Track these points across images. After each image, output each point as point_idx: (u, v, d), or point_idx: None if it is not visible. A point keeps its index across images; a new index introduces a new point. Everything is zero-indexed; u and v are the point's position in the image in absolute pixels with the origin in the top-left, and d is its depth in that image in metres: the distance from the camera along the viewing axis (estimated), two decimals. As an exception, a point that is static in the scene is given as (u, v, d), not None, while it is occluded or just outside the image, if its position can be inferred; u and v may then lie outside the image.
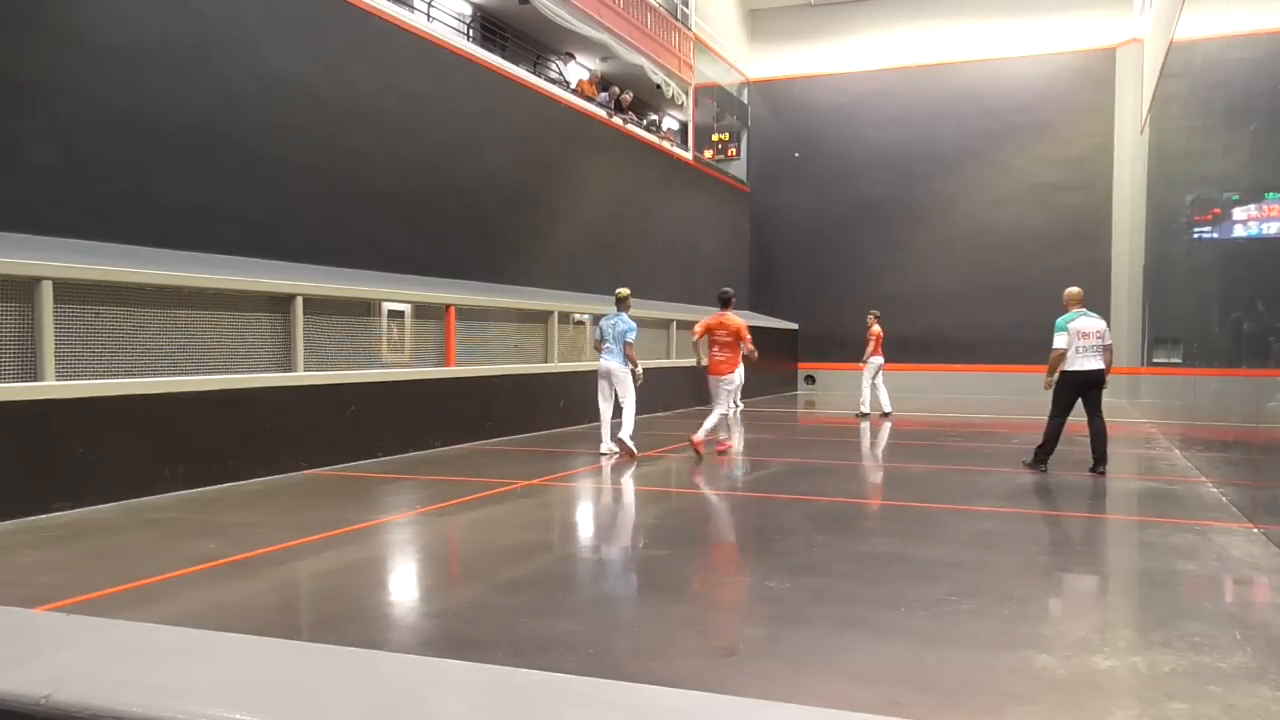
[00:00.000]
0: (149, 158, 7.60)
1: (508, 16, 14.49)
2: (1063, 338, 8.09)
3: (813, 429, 13.63)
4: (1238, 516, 6.35)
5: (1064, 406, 8.26)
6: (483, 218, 12.06)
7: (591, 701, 0.98)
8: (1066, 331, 8.08)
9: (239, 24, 8.46)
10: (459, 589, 4.87)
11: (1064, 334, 8.09)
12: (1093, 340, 8.04)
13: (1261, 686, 3.17)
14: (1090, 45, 19.93)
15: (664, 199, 17.77)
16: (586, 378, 12.87)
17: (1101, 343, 8.06)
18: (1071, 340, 8.05)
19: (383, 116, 10.24)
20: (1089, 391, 8.15)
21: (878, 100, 21.56)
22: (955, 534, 5.83)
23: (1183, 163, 11.83)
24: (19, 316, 6.06)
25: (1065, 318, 8.17)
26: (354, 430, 8.67)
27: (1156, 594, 4.62)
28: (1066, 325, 8.10)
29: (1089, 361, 8.04)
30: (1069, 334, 8.07)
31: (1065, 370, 8.13)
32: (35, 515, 5.97)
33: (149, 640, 1.20)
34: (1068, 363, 8.09)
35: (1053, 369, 8.22)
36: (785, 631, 3.83)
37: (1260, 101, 6.90)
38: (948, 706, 3.07)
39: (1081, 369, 8.06)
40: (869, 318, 15.11)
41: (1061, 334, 8.10)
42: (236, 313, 7.62)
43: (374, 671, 1.11)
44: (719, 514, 7.01)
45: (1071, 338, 8.05)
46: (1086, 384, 8.11)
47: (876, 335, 14.85)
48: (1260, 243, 7.26)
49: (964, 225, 20.97)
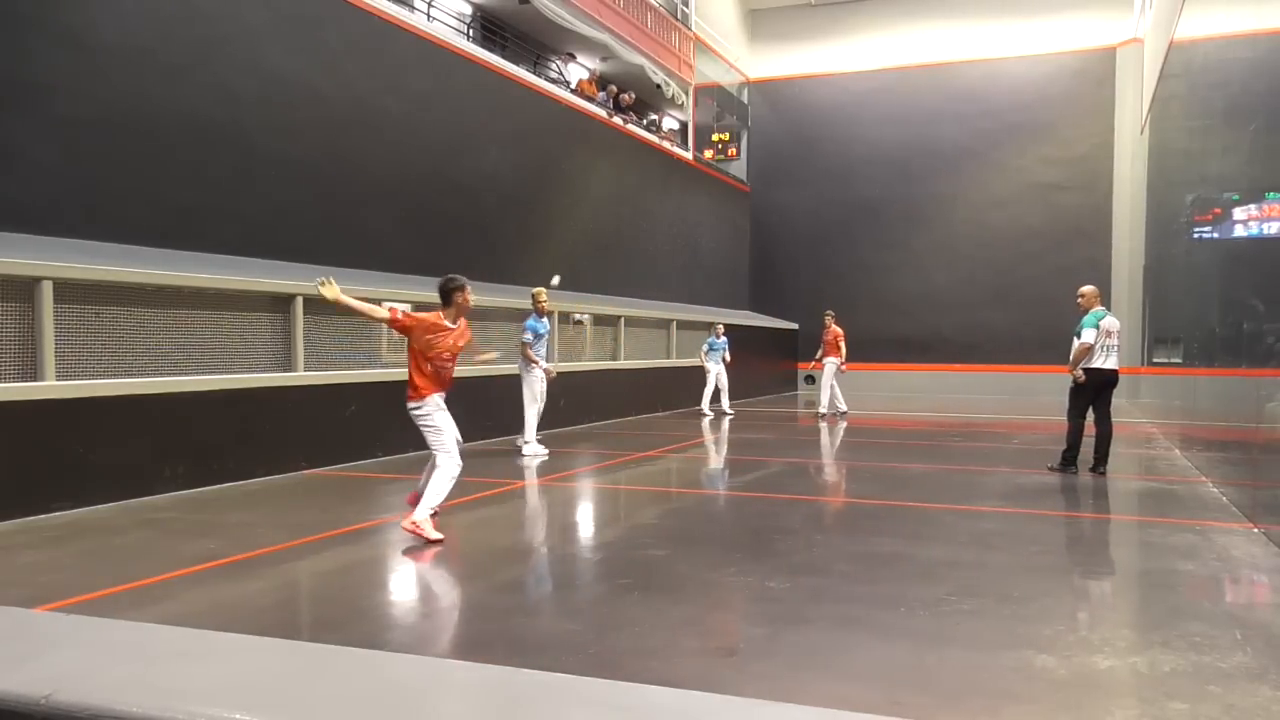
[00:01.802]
0: (149, 158, 7.60)
1: (508, 16, 14.49)
2: (1091, 333, 7.90)
3: (812, 429, 13.61)
4: (1238, 516, 6.35)
5: (1087, 404, 8.13)
6: (483, 218, 12.06)
7: (592, 701, 0.98)
8: (1097, 328, 7.91)
9: (239, 24, 8.46)
10: (459, 589, 4.87)
11: (1093, 330, 7.91)
12: (1115, 339, 7.95)
13: (1261, 686, 3.17)
14: (1090, 45, 19.92)
15: (664, 199, 17.77)
16: (586, 378, 12.88)
17: (1118, 342, 8.00)
18: (1099, 337, 7.91)
19: (383, 116, 10.24)
20: (1104, 392, 8.06)
21: (878, 100, 21.55)
22: (955, 534, 5.82)
23: (1183, 163, 11.83)
24: (19, 316, 6.06)
25: (1096, 314, 7.99)
26: (354, 430, 8.66)
27: (1156, 594, 4.62)
28: (1098, 322, 7.93)
29: (1111, 360, 7.95)
30: (1098, 330, 7.90)
31: (1090, 368, 7.99)
32: (35, 515, 5.97)
33: (149, 640, 1.20)
34: (1092, 360, 7.95)
35: (1078, 362, 8.02)
36: (785, 631, 3.83)
37: (1260, 101, 6.89)
38: (948, 706, 3.07)
39: (1106, 367, 7.95)
40: (825, 318, 15.04)
41: (1091, 329, 7.91)
42: (236, 313, 7.61)
43: (374, 671, 1.10)
44: (719, 514, 7.00)
45: (1099, 335, 7.89)
46: (1107, 384, 8.00)
47: (835, 335, 14.78)
48: (1260, 243, 7.26)
49: (964, 225, 20.97)
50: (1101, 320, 7.97)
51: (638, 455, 9.79)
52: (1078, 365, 8.04)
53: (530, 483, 7.95)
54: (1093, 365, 7.98)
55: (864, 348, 21.64)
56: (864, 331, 21.61)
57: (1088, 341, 7.91)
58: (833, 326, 14.82)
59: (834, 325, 14.82)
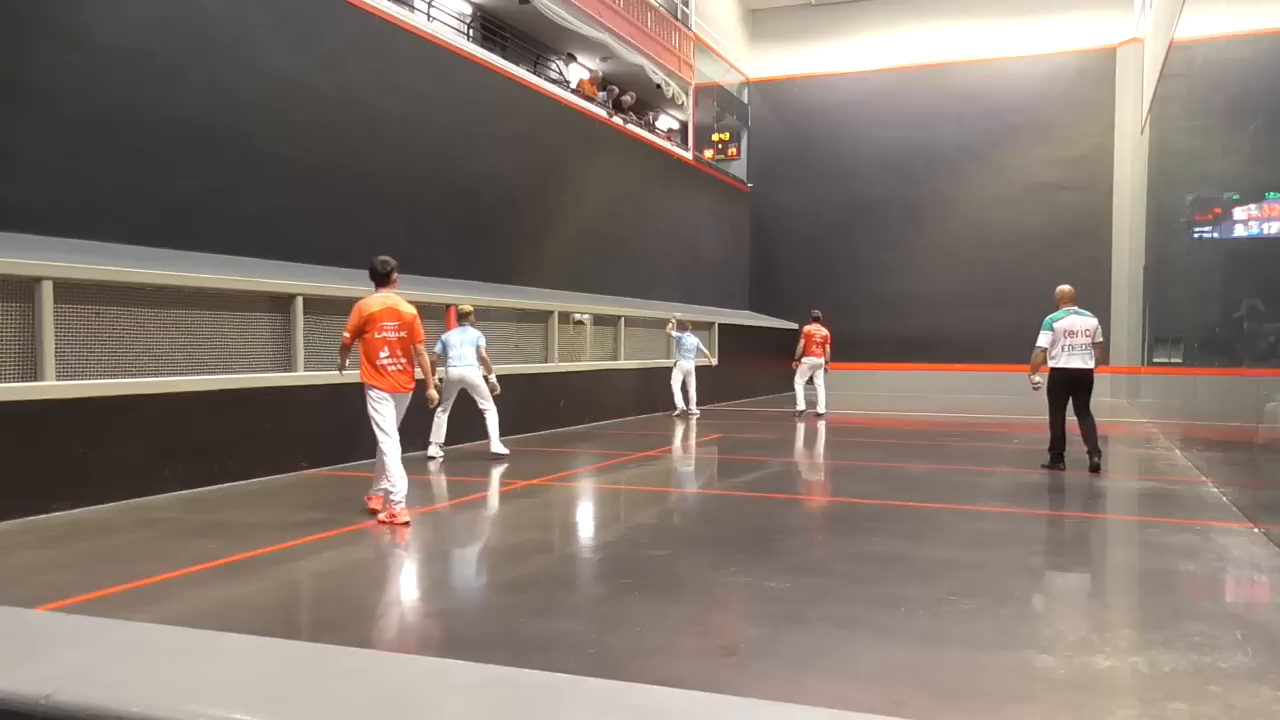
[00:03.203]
0: (149, 158, 7.60)
1: (508, 16, 14.49)
2: (1046, 336, 8.11)
3: (812, 429, 13.61)
4: (1238, 516, 6.35)
5: (1058, 403, 8.27)
6: (483, 218, 12.06)
7: (592, 701, 0.98)
8: (1051, 330, 8.09)
9: (239, 23, 8.46)
10: (459, 589, 4.87)
11: (1048, 333, 8.10)
12: (1080, 339, 8.04)
13: (1261, 686, 3.17)
14: (1090, 45, 19.92)
15: (664, 199, 17.77)
16: (586, 378, 12.88)
17: (1091, 340, 8.05)
18: (1057, 339, 8.06)
19: (383, 116, 10.24)
20: (1076, 392, 8.16)
21: (877, 100, 21.55)
22: (955, 534, 5.82)
23: (1183, 162, 11.83)
24: (19, 316, 6.06)
25: (1052, 316, 8.17)
26: (354, 430, 8.65)
27: (1156, 594, 4.62)
28: (1052, 324, 8.11)
29: (1076, 360, 8.04)
30: (1054, 333, 8.08)
31: (1053, 368, 8.14)
32: (35, 515, 5.96)
33: (149, 640, 1.20)
34: (1054, 360, 8.10)
35: (1034, 368, 8.24)
36: (785, 631, 3.83)
37: (1260, 101, 6.90)
38: (948, 706, 3.07)
39: (1068, 366, 8.07)
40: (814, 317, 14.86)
41: (1046, 333, 8.11)
42: (236, 313, 7.61)
43: (374, 671, 1.10)
44: (719, 513, 7.00)
45: (1057, 336, 8.06)
46: (1073, 382, 8.11)
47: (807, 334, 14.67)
48: (1260, 242, 7.26)
49: (964, 225, 20.97)
50: (1059, 321, 8.07)
51: (638, 455, 9.79)
52: (1035, 370, 8.24)
53: (531, 483, 7.95)
54: (1056, 365, 8.08)
55: (864, 348, 21.66)
56: (864, 332, 21.63)
57: (1040, 346, 8.13)
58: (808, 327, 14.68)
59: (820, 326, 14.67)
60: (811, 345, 14.56)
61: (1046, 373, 8.23)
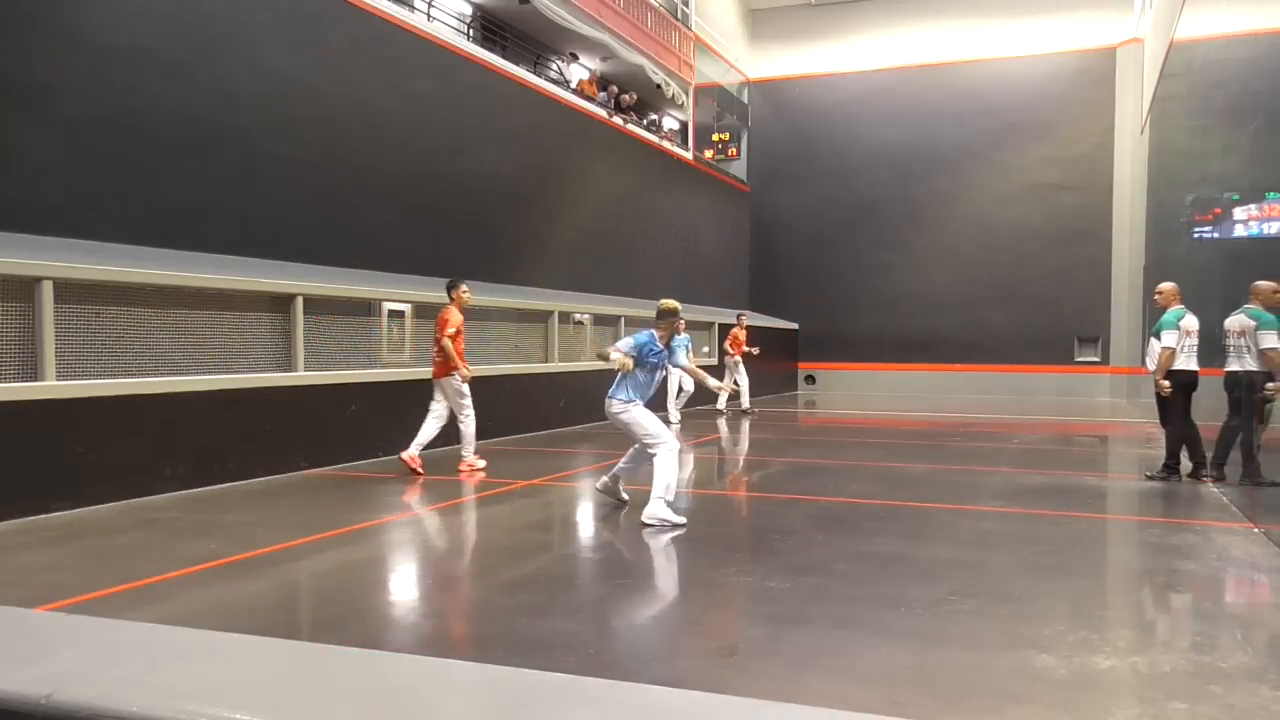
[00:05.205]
0: (149, 157, 7.60)
1: (508, 16, 14.49)
2: (1173, 335, 7.35)
3: (812, 429, 13.62)
4: (1238, 516, 6.35)
5: (1182, 411, 7.53)
6: (483, 218, 12.06)
7: (592, 701, 0.98)
8: (1177, 329, 7.36)
9: (240, 23, 8.46)
10: (459, 589, 4.86)
11: (1175, 331, 7.35)
12: (1194, 338, 7.42)
13: (1261, 686, 3.17)
14: (1090, 45, 19.93)
15: (664, 199, 17.77)
16: (586, 378, 12.88)
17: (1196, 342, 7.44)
18: (1180, 338, 7.37)
19: (383, 116, 10.24)
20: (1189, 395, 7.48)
21: (878, 100, 21.55)
22: (955, 534, 5.82)
23: (1183, 162, 11.84)
24: (19, 316, 6.06)
25: (1176, 313, 7.44)
26: (354, 430, 8.66)
27: (1156, 594, 4.62)
28: (1177, 322, 7.37)
29: (1194, 361, 7.40)
30: (1179, 331, 7.35)
31: (1175, 370, 7.42)
32: (35, 515, 5.96)
33: (149, 640, 1.20)
34: (1177, 362, 7.40)
35: (1164, 369, 7.44)
36: (785, 631, 3.83)
37: (1260, 101, 6.90)
38: (948, 706, 3.07)
39: (1190, 368, 7.40)
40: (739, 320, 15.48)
41: (1173, 331, 7.36)
42: (236, 313, 7.61)
43: (374, 671, 1.10)
44: (719, 513, 7.00)
45: (1180, 335, 7.36)
46: (1192, 386, 7.40)
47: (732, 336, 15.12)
48: (1260, 242, 7.26)
49: (964, 225, 20.97)
50: (1181, 320, 7.41)
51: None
52: (1163, 372, 7.46)
53: (531, 482, 7.95)
54: (1180, 367, 7.41)
55: (864, 347, 21.69)
56: (864, 331, 21.66)
57: (1169, 345, 7.33)
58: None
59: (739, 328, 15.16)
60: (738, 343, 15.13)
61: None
